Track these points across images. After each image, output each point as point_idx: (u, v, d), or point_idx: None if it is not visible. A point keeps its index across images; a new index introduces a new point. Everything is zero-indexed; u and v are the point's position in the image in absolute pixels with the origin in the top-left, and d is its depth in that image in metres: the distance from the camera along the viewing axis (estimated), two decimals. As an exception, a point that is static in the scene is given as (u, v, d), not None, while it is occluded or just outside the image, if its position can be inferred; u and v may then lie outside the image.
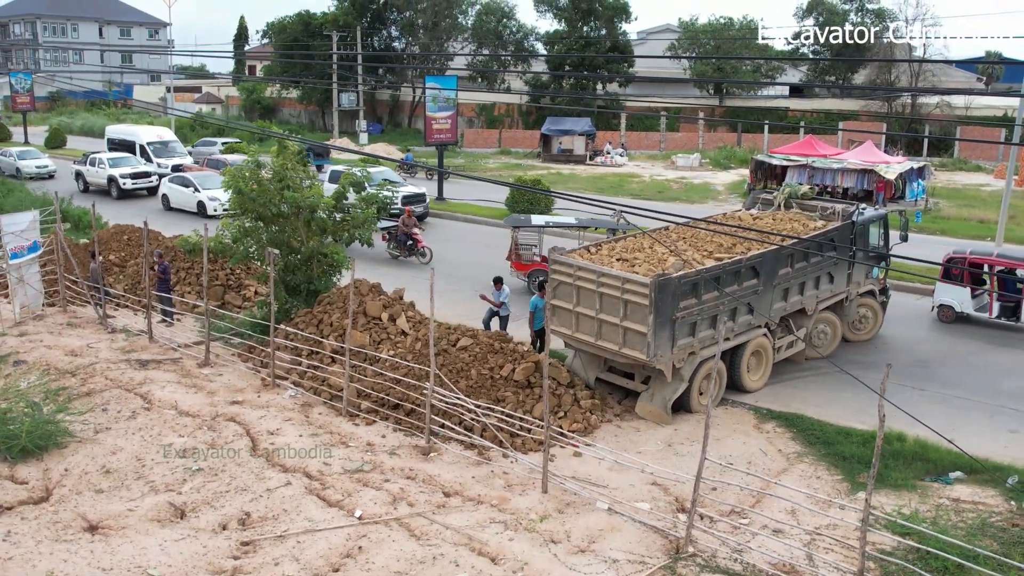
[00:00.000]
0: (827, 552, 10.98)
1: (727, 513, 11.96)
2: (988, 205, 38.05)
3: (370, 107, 75.36)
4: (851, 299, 18.75)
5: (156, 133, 45.62)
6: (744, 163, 47.98)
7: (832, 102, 70.16)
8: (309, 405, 15.54)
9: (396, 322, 16.96)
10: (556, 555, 10.79)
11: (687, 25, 71.81)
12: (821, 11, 70.12)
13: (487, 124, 71.52)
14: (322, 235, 18.81)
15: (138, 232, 23.20)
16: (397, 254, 27.14)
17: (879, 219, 19.50)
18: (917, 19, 62.08)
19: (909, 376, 17.27)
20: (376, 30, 76.93)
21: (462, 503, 12.13)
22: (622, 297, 14.39)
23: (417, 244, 26.95)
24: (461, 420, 14.17)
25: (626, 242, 16.88)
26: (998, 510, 12.13)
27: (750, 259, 15.66)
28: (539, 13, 71.97)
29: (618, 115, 65.74)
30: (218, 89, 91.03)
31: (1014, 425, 15.03)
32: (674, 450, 14.08)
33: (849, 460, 13.59)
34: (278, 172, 18.21)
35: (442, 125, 40.50)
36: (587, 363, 16.27)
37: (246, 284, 21.95)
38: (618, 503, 12.08)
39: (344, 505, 11.96)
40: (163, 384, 16.33)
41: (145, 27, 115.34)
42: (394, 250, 27.20)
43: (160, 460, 13.27)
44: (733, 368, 16.15)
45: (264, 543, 11.04)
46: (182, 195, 35.24)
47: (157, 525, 11.47)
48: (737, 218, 19.48)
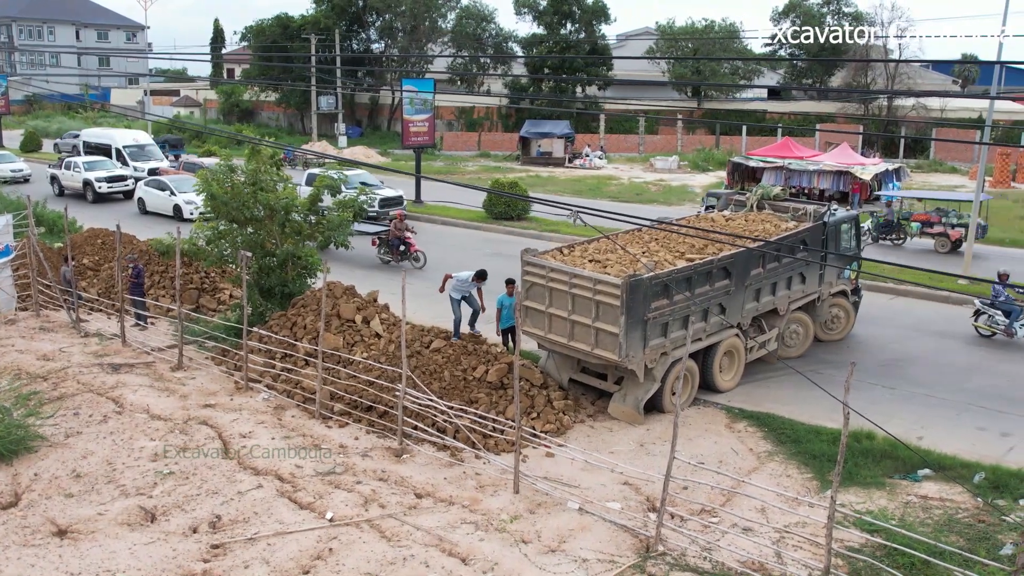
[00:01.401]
0: (796, 550, 11.07)
1: (697, 512, 12.03)
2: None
3: (349, 110, 75.24)
4: (823, 299, 18.89)
5: (132, 137, 45.37)
6: (722, 165, 48.30)
7: (809, 104, 70.69)
8: (282, 408, 15.52)
9: (370, 324, 16.98)
10: (526, 555, 10.83)
11: (665, 28, 72.14)
12: (798, 14, 70.62)
13: (466, 127, 71.63)
14: (297, 238, 18.79)
15: (112, 236, 23.03)
16: (389, 259, 26.84)
17: (851, 220, 19.65)
18: (893, 21, 62.65)
19: (879, 375, 17.44)
20: (355, 33, 76.89)
21: (434, 504, 12.16)
22: (594, 298, 14.46)
23: (410, 248, 26.59)
24: (434, 422, 14.19)
25: (599, 243, 16.95)
26: (965, 507, 12.27)
27: (721, 260, 15.76)
28: (519, 16, 72.23)
29: (597, 118, 66.00)
30: (196, 92, 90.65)
31: (981, 423, 15.19)
32: (646, 450, 14.16)
33: (819, 458, 13.69)
34: (251, 175, 18.18)
35: (419, 128, 40.51)
36: (560, 364, 16.33)
37: (221, 287, 21.89)
38: (589, 503, 12.13)
39: (316, 507, 11.96)
40: (135, 388, 16.26)
41: (123, 30, 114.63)
42: (385, 255, 26.94)
43: (131, 464, 13.22)
44: (705, 368, 16.24)
45: (234, 546, 11.02)
46: (158, 199, 35.09)
47: (127, 529, 11.43)
48: (710, 220, 19.60)
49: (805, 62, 67.73)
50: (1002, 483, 12.76)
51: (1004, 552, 10.81)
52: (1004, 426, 15.05)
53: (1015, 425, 15.08)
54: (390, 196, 34.19)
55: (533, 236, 31.44)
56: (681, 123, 66.32)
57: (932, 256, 28.85)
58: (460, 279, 17.76)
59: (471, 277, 17.70)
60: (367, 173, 35.36)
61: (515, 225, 33.70)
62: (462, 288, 17.66)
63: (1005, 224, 35.20)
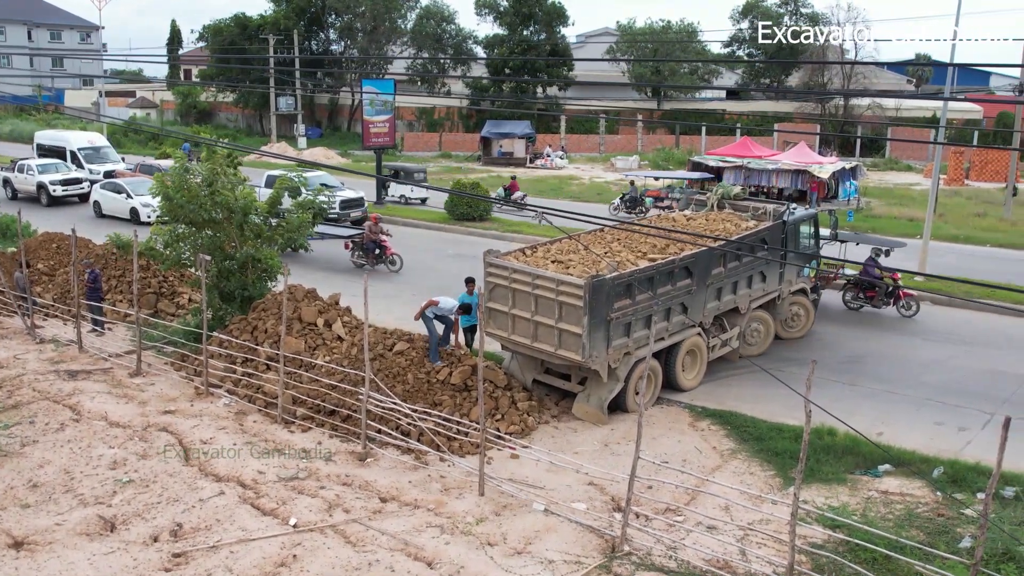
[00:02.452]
0: (760, 547, 11.16)
1: (662, 511, 12.08)
2: (918, 203, 39.05)
3: (309, 111, 74.68)
4: (783, 297, 19.08)
5: (87, 139, 44.58)
6: (682, 165, 48.54)
7: (767, 104, 71.48)
8: (244, 413, 15.34)
9: (332, 327, 16.84)
10: (492, 557, 10.80)
11: (625, 29, 72.48)
12: (756, 14, 71.31)
13: (427, 127, 71.42)
14: (256, 240, 18.57)
15: (68, 240, 22.66)
16: (363, 263, 26.42)
17: (809, 218, 19.87)
18: (849, 22, 63.43)
19: (841, 372, 17.64)
20: (314, 33, 76.31)
21: (398, 508, 12.08)
22: (557, 299, 14.47)
23: (386, 252, 26.21)
24: (398, 425, 14.11)
25: (561, 244, 16.97)
26: (924, 501, 12.45)
27: (683, 259, 15.84)
28: (480, 16, 72.17)
29: (558, 118, 66.14)
30: (152, 94, 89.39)
31: (939, 418, 15.43)
32: (611, 450, 14.18)
33: (781, 455, 13.81)
34: (207, 177, 17.93)
35: (380, 129, 40.34)
36: (524, 365, 16.31)
37: (179, 291, 21.59)
38: (554, 504, 12.13)
39: (279, 513, 11.83)
40: (93, 395, 16.00)
41: (76, 30, 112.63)
42: (360, 259, 26.54)
43: (89, 472, 12.99)
44: (668, 367, 16.32)
45: (196, 554, 10.87)
46: (114, 202, 34.51)
47: (86, 539, 11.22)
48: (671, 219, 19.70)
49: (763, 63, 68.39)
50: (960, 477, 12.96)
51: (963, 545, 11.02)
52: (961, 421, 15.29)
53: (972, 420, 15.34)
54: (351, 198, 33.93)
55: (495, 237, 31.42)
56: (641, 123, 66.67)
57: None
58: (445, 308, 16.32)
59: (455, 309, 16.43)
60: (327, 174, 35.08)
61: (477, 226, 33.65)
62: (441, 311, 16.40)
63: (959, 221, 35.86)
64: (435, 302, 16.28)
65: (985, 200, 41.84)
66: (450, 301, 16.49)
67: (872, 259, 21.16)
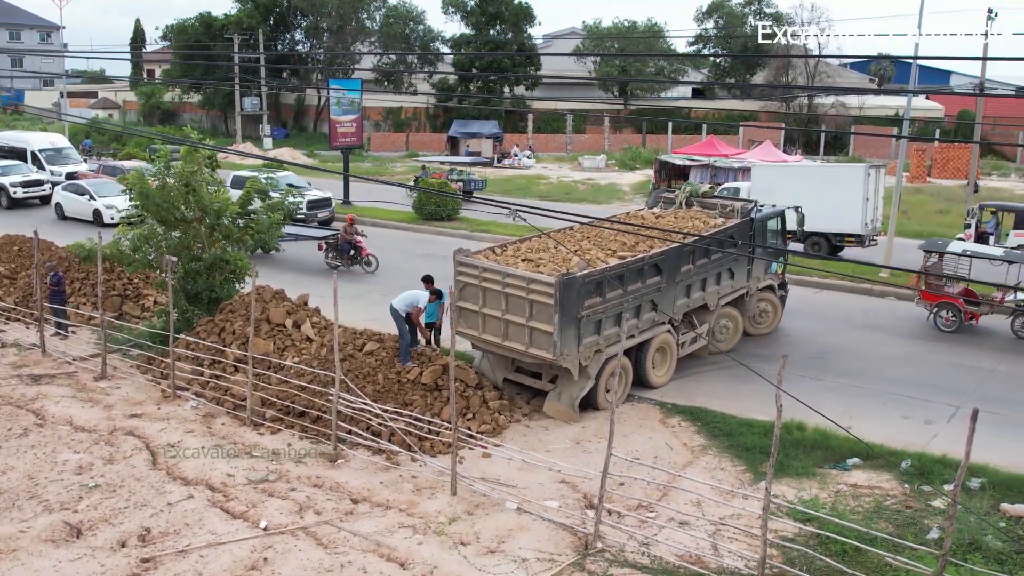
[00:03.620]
0: (731, 541, 11.22)
1: (634, 507, 12.11)
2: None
3: (274, 111, 74.16)
4: (751, 294, 19.21)
5: (49, 140, 43.91)
6: (649, 163, 48.85)
7: (733, 103, 72.04)
8: (212, 416, 15.18)
9: (301, 328, 16.71)
10: (466, 557, 10.77)
11: (592, 28, 72.69)
12: (721, 14, 71.83)
13: (394, 127, 71.17)
14: (224, 241, 18.39)
15: (30, 242, 22.29)
16: (338, 264, 26.13)
17: (776, 215, 20.02)
18: (812, 22, 64.13)
19: (808, 367, 17.80)
20: (280, 33, 75.75)
21: (370, 509, 12.00)
22: (527, 297, 14.45)
23: (361, 252, 25.98)
24: (368, 425, 14.02)
25: (531, 242, 16.96)
26: (893, 493, 12.59)
27: (653, 257, 15.90)
28: (447, 16, 72.05)
29: (525, 117, 66.21)
30: (115, 94, 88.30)
31: (906, 411, 15.62)
32: (582, 447, 14.20)
33: (752, 451, 13.91)
34: (184, 176, 17.72)
35: (347, 128, 40.11)
36: (495, 364, 16.29)
37: (145, 293, 21.31)
38: (527, 502, 12.12)
39: (249, 516, 11.71)
40: (57, 399, 15.74)
41: (36, 30, 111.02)
42: (334, 260, 26.25)
43: (54, 478, 12.77)
44: (639, 364, 16.36)
45: (165, 559, 10.73)
46: (77, 203, 34.01)
47: (51, 546, 11.03)
48: (640, 217, 19.77)
49: (728, 61, 68.91)
50: (927, 469, 13.12)
51: (931, 536, 11.16)
52: (928, 414, 15.49)
53: (938, 412, 15.54)
54: (319, 198, 33.70)
55: (464, 236, 31.37)
56: (608, 122, 66.91)
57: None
58: (415, 302, 16.18)
59: (426, 300, 16.34)
60: (294, 175, 34.82)
61: (445, 225, 33.60)
62: (410, 301, 16.15)
63: (922, 218, 36.33)
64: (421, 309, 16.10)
65: (947, 197, 42.42)
66: (416, 294, 16.40)
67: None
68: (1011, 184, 48.88)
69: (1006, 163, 57.51)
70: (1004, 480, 12.71)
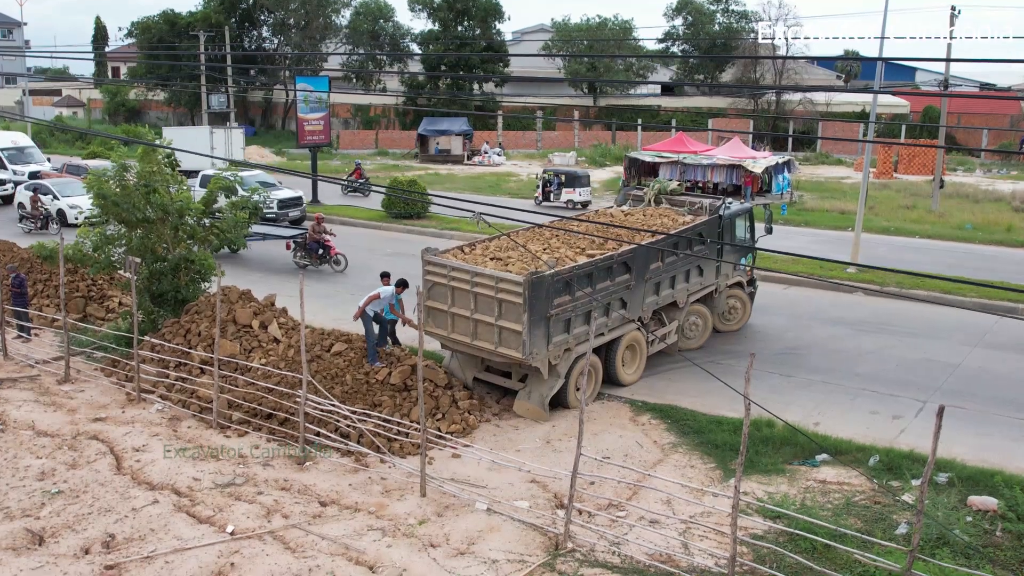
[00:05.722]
0: (702, 540, 11.21)
1: (605, 507, 12.08)
2: (849, 196, 39.91)
3: (242, 109, 73.50)
4: (720, 291, 19.26)
5: (11, 139, 43.26)
6: (619, 160, 48.99)
7: (701, 100, 72.36)
8: (178, 419, 14.97)
9: (268, 329, 16.53)
10: (435, 559, 10.68)
11: (560, 25, 72.72)
12: (689, 11, 72.12)
13: (363, 125, 70.81)
14: (189, 242, 18.15)
15: (-10, 243, 21.97)
16: (307, 263, 25.88)
17: (745, 212, 20.09)
18: (780, 20, 64.56)
19: (777, 363, 17.87)
20: (246, 30, 75.04)
21: (339, 512, 11.88)
22: (496, 296, 14.37)
23: (330, 252, 25.75)
24: (337, 427, 13.88)
25: (499, 241, 16.88)
26: (861, 489, 12.64)
27: (621, 255, 15.87)
28: (413, 13, 71.74)
29: (495, 115, 66.07)
30: (79, 92, 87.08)
31: (874, 407, 15.71)
32: (552, 447, 14.14)
33: (721, 448, 13.92)
34: (144, 176, 17.47)
35: (315, 127, 39.83)
36: (464, 363, 16.20)
37: (109, 295, 21.00)
38: (497, 503, 12.04)
39: (215, 521, 11.55)
40: (19, 404, 15.46)
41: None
42: (302, 259, 26.01)
43: (16, 484, 12.53)
44: (608, 362, 16.34)
45: (130, 565, 10.55)
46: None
47: (12, 554, 10.81)
48: (609, 215, 19.75)
49: (697, 59, 69.21)
50: (895, 465, 13.20)
51: (900, 532, 11.22)
52: (895, 409, 15.59)
53: (905, 408, 15.65)
54: (289, 197, 33.42)
55: (433, 235, 31.25)
56: (578, 119, 66.95)
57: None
58: (385, 297, 16.16)
59: (392, 294, 16.18)
60: (264, 173, 34.50)
61: (415, 224, 33.45)
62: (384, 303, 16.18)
63: (889, 213, 36.68)
64: (376, 296, 16.06)
65: (913, 193, 42.89)
66: (387, 289, 16.29)
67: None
68: (975, 180, 49.53)
69: (971, 159, 58.24)
70: (971, 474, 12.80)
